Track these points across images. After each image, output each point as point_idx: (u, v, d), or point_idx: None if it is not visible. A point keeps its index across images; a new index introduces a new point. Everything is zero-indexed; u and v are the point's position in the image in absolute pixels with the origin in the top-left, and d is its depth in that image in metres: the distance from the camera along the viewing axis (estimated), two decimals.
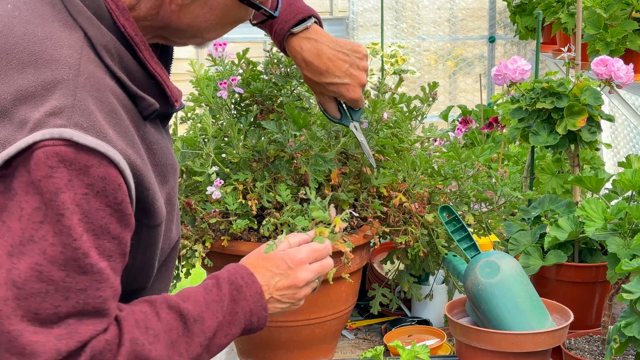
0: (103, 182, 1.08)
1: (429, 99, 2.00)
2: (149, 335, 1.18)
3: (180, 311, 1.22)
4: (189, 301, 1.24)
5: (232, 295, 1.28)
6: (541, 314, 1.66)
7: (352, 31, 4.91)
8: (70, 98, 1.10)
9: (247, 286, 1.30)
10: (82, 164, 1.07)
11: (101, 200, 1.09)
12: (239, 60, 1.94)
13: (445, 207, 1.78)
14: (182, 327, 1.22)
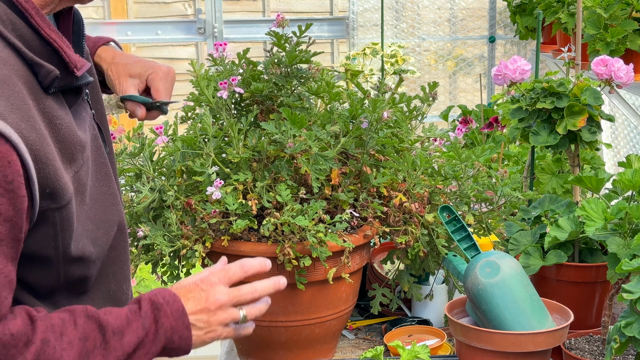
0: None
1: (429, 98, 2.00)
2: (63, 342, 1.13)
3: (100, 322, 1.17)
4: (111, 315, 1.19)
5: (153, 313, 1.23)
6: (541, 314, 1.66)
7: (352, 31, 4.91)
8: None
9: (167, 304, 1.24)
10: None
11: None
12: (239, 60, 1.94)
13: (445, 207, 1.78)
14: (100, 337, 1.17)
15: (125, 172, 1.86)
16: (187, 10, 6.19)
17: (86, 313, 1.18)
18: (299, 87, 1.92)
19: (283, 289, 1.73)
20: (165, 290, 1.27)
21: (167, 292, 1.26)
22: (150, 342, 1.21)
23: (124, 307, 1.23)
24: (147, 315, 1.22)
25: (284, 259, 1.68)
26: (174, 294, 1.26)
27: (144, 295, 1.25)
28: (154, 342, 1.22)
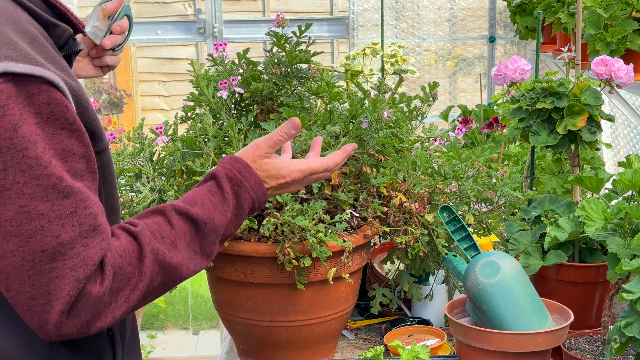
0: (49, 107, 1.09)
1: (429, 98, 2.00)
2: (166, 244, 1.22)
3: (190, 216, 1.26)
4: (197, 205, 1.28)
5: (234, 191, 1.33)
6: (541, 314, 1.66)
7: (352, 31, 4.91)
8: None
9: (245, 179, 1.34)
10: (24, 96, 1.08)
11: (54, 124, 1.10)
12: (239, 60, 1.94)
13: (445, 207, 1.78)
14: (194, 230, 1.26)
15: (125, 172, 1.86)
16: (187, 10, 6.19)
17: (176, 210, 1.26)
18: (299, 87, 1.92)
19: (283, 289, 1.75)
20: (238, 163, 1.36)
21: (240, 164, 1.36)
22: (235, 218, 1.33)
23: (204, 191, 1.31)
24: (229, 195, 1.32)
25: (284, 259, 1.68)
26: (247, 165, 1.36)
27: (219, 173, 1.34)
28: (238, 216, 1.33)
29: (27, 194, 1.08)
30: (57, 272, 1.10)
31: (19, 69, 1.08)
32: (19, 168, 1.08)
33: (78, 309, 1.13)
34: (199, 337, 5.28)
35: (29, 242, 1.09)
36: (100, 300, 1.14)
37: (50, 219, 1.10)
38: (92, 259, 1.13)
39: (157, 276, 1.21)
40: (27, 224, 1.09)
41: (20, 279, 1.11)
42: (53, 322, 1.11)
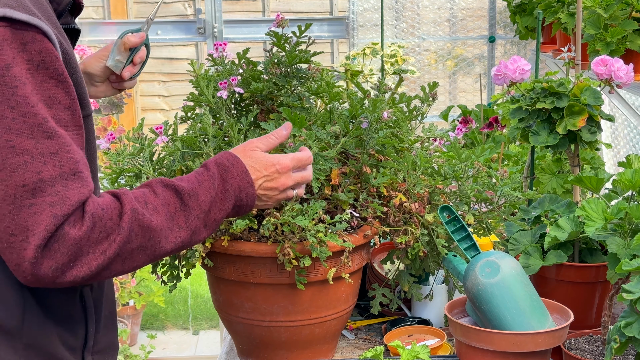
0: (40, 55, 1.16)
1: (429, 98, 2.00)
2: (149, 208, 1.27)
3: (175, 187, 1.31)
4: (182, 180, 1.34)
5: (220, 174, 1.38)
6: (541, 314, 1.66)
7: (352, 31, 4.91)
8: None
9: (233, 166, 1.40)
10: (18, 42, 1.14)
11: (43, 72, 1.16)
12: (239, 60, 1.94)
13: (445, 207, 1.78)
14: (178, 201, 1.31)
15: (125, 172, 1.86)
16: (187, 10, 6.19)
17: (162, 183, 1.32)
18: (298, 87, 1.92)
19: (283, 289, 1.75)
20: (227, 153, 1.42)
21: (229, 154, 1.42)
22: (220, 200, 1.37)
23: (192, 172, 1.38)
24: (215, 175, 1.37)
25: (284, 259, 1.68)
26: (235, 156, 1.42)
27: (209, 160, 1.40)
28: (224, 199, 1.37)
29: (14, 129, 1.14)
30: (35, 208, 1.15)
31: (17, 16, 1.14)
32: (7, 104, 1.14)
33: (54, 249, 1.16)
34: (199, 337, 5.28)
35: (12, 175, 1.14)
36: (77, 244, 1.18)
37: (33, 155, 1.15)
38: (70, 200, 1.17)
39: (136, 237, 1.24)
40: (11, 158, 1.14)
41: (1, 214, 1.15)
42: (29, 258, 1.15)
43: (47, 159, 1.16)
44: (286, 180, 1.48)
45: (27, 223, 1.15)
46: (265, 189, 1.45)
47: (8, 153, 1.14)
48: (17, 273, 1.18)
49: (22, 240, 1.15)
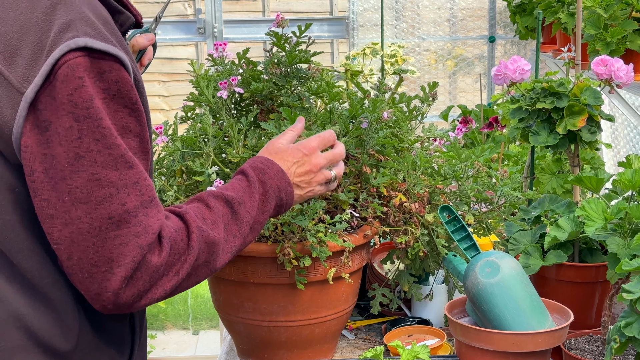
0: (117, 85, 1.15)
1: (429, 98, 1.99)
2: (208, 223, 1.30)
3: (225, 197, 1.35)
4: (228, 189, 1.37)
5: (258, 177, 1.42)
6: (541, 314, 1.66)
7: (352, 31, 4.91)
8: (73, 12, 1.16)
9: (268, 168, 1.44)
10: (96, 71, 1.14)
11: (118, 101, 1.16)
12: (239, 60, 1.94)
13: (445, 207, 1.78)
14: (229, 211, 1.34)
15: None
16: (187, 10, 6.19)
17: (212, 194, 1.35)
18: (298, 87, 1.92)
19: (283, 289, 1.75)
20: (259, 157, 1.47)
21: (261, 158, 1.46)
22: (263, 202, 1.41)
23: (232, 181, 1.41)
24: (254, 180, 1.41)
25: (284, 259, 1.68)
26: (267, 158, 1.46)
27: (243, 167, 1.44)
28: (266, 201, 1.41)
29: (99, 162, 1.14)
30: (121, 239, 1.15)
31: (97, 46, 1.13)
32: (93, 137, 1.13)
33: (137, 277, 1.18)
34: (199, 337, 5.28)
35: (98, 208, 1.14)
36: (157, 270, 1.19)
37: (118, 187, 1.15)
38: (152, 228, 1.18)
39: (203, 253, 1.27)
40: (97, 191, 1.14)
41: (85, 246, 1.15)
42: (113, 289, 1.16)
43: (130, 189, 1.17)
44: (317, 160, 1.51)
45: (113, 255, 1.15)
46: (300, 175, 1.48)
47: (94, 186, 1.14)
48: (94, 301, 1.19)
49: (106, 272, 1.16)
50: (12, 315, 1.20)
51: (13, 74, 1.14)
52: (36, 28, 1.15)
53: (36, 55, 1.14)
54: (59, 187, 1.14)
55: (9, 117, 1.14)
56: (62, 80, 1.12)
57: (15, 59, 1.15)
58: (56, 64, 1.12)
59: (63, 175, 1.13)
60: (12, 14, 1.17)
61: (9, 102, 1.14)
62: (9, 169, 1.18)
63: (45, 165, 1.14)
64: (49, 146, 1.13)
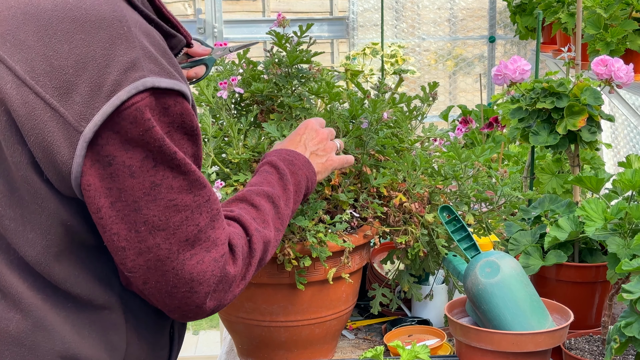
0: (181, 117, 1.15)
1: (429, 98, 2.00)
2: (259, 224, 1.34)
3: (267, 194, 1.39)
4: (265, 185, 1.42)
5: (289, 169, 1.47)
6: (541, 314, 1.66)
7: (352, 31, 4.91)
8: (136, 49, 1.13)
9: (295, 159, 1.49)
10: (161, 107, 1.13)
11: (180, 131, 1.16)
12: (239, 60, 1.94)
13: (445, 207, 1.78)
14: (272, 207, 1.39)
15: None
16: (187, 10, 6.19)
17: (254, 192, 1.39)
18: (299, 87, 1.92)
19: (283, 289, 1.75)
20: (282, 150, 1.52)
21: (286, 150, 1.52)
22: (297, 194, 1.47)
23: (263, 174, 1.45)
24: (286, 172, 1.46)
25: (284, 259, 1.68)
26: (291, 150, 1.52)
27: (271, 159, 1.48)
28: (298, 192, 1.47)
29: (176, 188, 1.15)
30: (197, 258, 1.17)
31: (163, 84, 1.12)
32: (168, 165, 1.14)
33: (219, 290, 1.21)
34: (199, 337, 5.28)
35: (176, 233, 1.15)
36: (234, 280, 1.23)
37: (192, 209, 1.17)
38: (220, 239, 1.20)
39: (261, 254, 1.31)
40: (174, 216, 1.15)
41: (163, 271, 1.16)
42: (196, 304, 1.19)
43: (203, 208, 1.18)
44: (322, 131, 1.59)
45: (193, 275, 1.17)
46: (315, 144, 1.56)
47: (171, 212, 1.14)
48: (173, 313, 1.22)
49: (186, 291, 1.18)
50: (57, 344, 1.19)
51: (69, 111, 1.10)
52: (93, 63, 1.10)
53: (94, 92, 1.10)
54: (129, 219, 1.13)
55: (67, 156, 1.11)
56: (130, 121, 1.10)
57: (71, 95, 1.10)
58: (122, 104, 1.09)
59: (137, 206, 1.13)
60: (66, 46, 1.11)
61: (66, 141, 1.10)
62: (62, 203, 1.16)
63: (111, 199, 1.12)
64: (113, 180, 1.11)
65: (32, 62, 1.12)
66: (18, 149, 1.13)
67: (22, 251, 1.17)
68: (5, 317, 1.18)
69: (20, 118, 1.12)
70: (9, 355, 1.18)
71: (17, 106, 1.11)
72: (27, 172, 1.14)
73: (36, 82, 1.11)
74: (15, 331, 1.18)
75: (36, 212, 1.16)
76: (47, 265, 1.18)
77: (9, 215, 1.17)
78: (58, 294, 1.20)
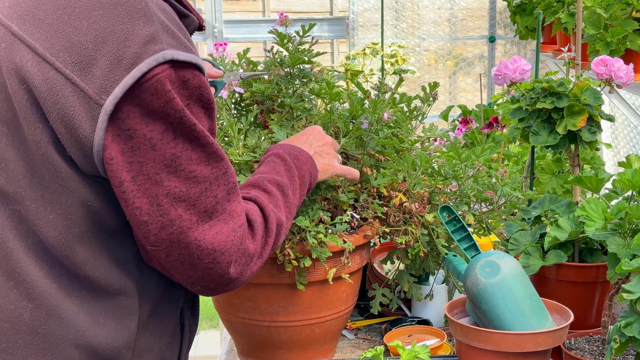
0: (199, 90, 1.17)
1: (429, 98, 1.99)
2: (273, 207, 1.37)
3: (277, 182, 1.42)
4: (274, 173, 1.44)
5: (295, 163, 1.50)
6: (541, 314, 1.66)
7: (352, 31, 4.91)
8: (155, 23, 1.14)
9: (300, 154, 1.53)
10: (180, 80, 1.14)
11: (199, 104, 1.18)
12: (239, 60, 1.94)
13: (445, 207, 1.78)
14: (282, 195, 1.42)
15: None
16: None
17: (266, 179, 1.41)
18: (300, 88, 1.92)
19: (283, 289, 1.75)
20: (288, 146, 1.54)
21: (290, 146, 1.55)
22: (301, 187, 1.49)
23: (270, 164, 1.48)
24: (292, 165, 1.49)
25: (284, 260, 1.68)
26: (296, 146, 1.55)
27: (277, 151, 1.51)
28: (303, 186, 1.50)
29: (195, 159, 1.17)
30: (216, 229, 1.20)
31: (182, 57, 1.14)
32: (188, 137, 1.15)
33: (240, 262, 1.24)
34: (199, 337, 5.28)
35: (196, 204, 1.18)
36: (253, 255, 1.26)
37: (211, 181, 1.19)
38: (236, 211, 1.23)
39: (276, 236, 1.34)
40: (194, 187, 1.17)
41: (186, 243, 1.18)
42: (218, 274, 1.22)
43: (220, 180, 1.21)
44: (328, 138, 1.64)
45: (214, 245, 1.20)
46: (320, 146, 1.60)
47: (191, 184, 1.16)
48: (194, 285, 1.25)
49: (210, 262, 1.20)
50: (71, 332, 1.20)
51: (90, 85, 1.12)
52: (113, 37, 1.12)
53: (114, 65, 1.11)
54: (151, 192, 1.15)
55: (89, 130, 1.12)
56: (151, 93, 1.11)
57: (91, 69, 1.12)
58: (143, 76, 1.11)
59: (158, 178, 1.14)
60: (85, 22, 1.13)
61: (88, 115, 1.12)
62: (83, 182, 1.18)
63: (133, 173, 1.14)
64: (134, 154, 1.13)
65: (52, 39, 1.14)
66: (39, 127, 1.15)
67: (43, 233, 1.18)
68: (19, 305, 1.19)
69: (41, 94, 1.13)
70: (23, 344, 1.19)
71: (38, 83, 1.13)
72: (48, 150, 1.15)
73: (56, 58, 1.13)
74: (29, 319, 1.19)
75: (57, 192, 1.17)
76: (68, 247, 1.19)
77: (29, 197, 1.18)
78: (73, 281, 1.21)
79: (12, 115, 1.17)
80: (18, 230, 1.19)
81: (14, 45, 1.16)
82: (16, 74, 1.15)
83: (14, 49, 1.16)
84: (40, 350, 1.19)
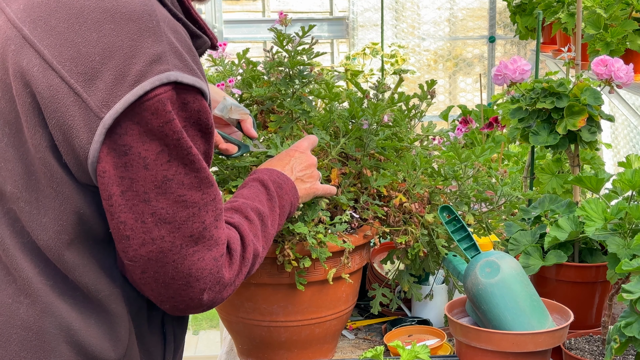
0: (198, 114, 1.17)
1: (428, 96, 1.99)
2: (253, 236, 1.37)
3: (259, 211, 1.42)
4: (256, 201, 1.44)
5: (277, 192, 1.50)
6: (541, 314, 1.66)
7: (352, 31, 4.91)
8: (163, 43, 1.15)
9: (284, 183, 1.52)
10: (180, 102, 1.15)
11: (196, 128, 1.18)
12: (239, 60, 1.94)
13: (445, 207, 1.78)
14: (262, 225, 1.42)
15: None
16: None
17: (249, 207, 1.41)
18: (299, 89, 1.92)
19: (283, 290, 1.75)
20: (273, 172, 1.53)
21: (276, 172, 1.53)
22: (280, 217, 1.50)
23: (254, 190, 1.47)
24: (274, 195, 1.49)
25: (283, 260, 1.68)
26: (281, 172, 1.54)
27: (262, 177, 1.50)
28: (282, 216, 1.51)
29: (186, 184, 1.17)
30: (198, 255, 1.20)
31: (186, 80, 1.14)
32: (182, 161, 1.16)
33: (212, 290, 1.24)
34: (199, 337, 5.28)
35: (181, 228, 1.18)
36: (227, 284, 1.27)
37: (200, 206, 1.19)
38: (221, 239, 1.24)
39: (251, 265, 1.34)
40: (181, 211, 1.17)
41: (164, 262, 1.19)
42: (190, 297, 1.22)
43: (209, 206, 1.21)
44: (311, 157, 1.62)
45: (192, 270, 1.20)
46: (302, 170, 1.59)
47: (178, 207, 1.17)
48: (164, 304, 1.25)
49: (184, 284, 1.21)
50: (64, 330, 1.21)
51: (92, 97, 1.12)
52: (120, 53, 1.13)
53: (118, 80, 1.12)
54: (137, 209, 1.15)
55: (85, 141, 1.13)
56: (152, 112, 1.12)
57: (95, 82, 1.12)
58: (145, 95, 1.11)
59: (147, 197, 1.15)
60: (95, 35, 1.14)
61: (86, 126, 1.13)
62: (77, 189, 1.18)
63: (122, 188, 1.15)
64: (126, 169, 1.14)
65: (61, 47, 1.14)
66: (39, 131, 1.16)
67: (35, 234, 1.20)
68: (17, 299, 1.20)
69: (44, 100, 1.14)
70: (17, 339, 1.20)
71: (42, 89, 1.14)
72: (45, 154, 1.16)
73: (62, 66, 1.14)
74: (25, 315, 1.20)
75: (51, 197, 1.18)
76: (58, 251, 1.20)
77: (25, 198, 1.19)
78: (67, 281, 1.22)
79: (15, 117, 1.18)
80: (14, 227, 1.20)
81: (23, 49, 1.17)
82: (22, 77, 1.16)
83: (22, 52, 1.16)
84: (33, 346, 1.20)
